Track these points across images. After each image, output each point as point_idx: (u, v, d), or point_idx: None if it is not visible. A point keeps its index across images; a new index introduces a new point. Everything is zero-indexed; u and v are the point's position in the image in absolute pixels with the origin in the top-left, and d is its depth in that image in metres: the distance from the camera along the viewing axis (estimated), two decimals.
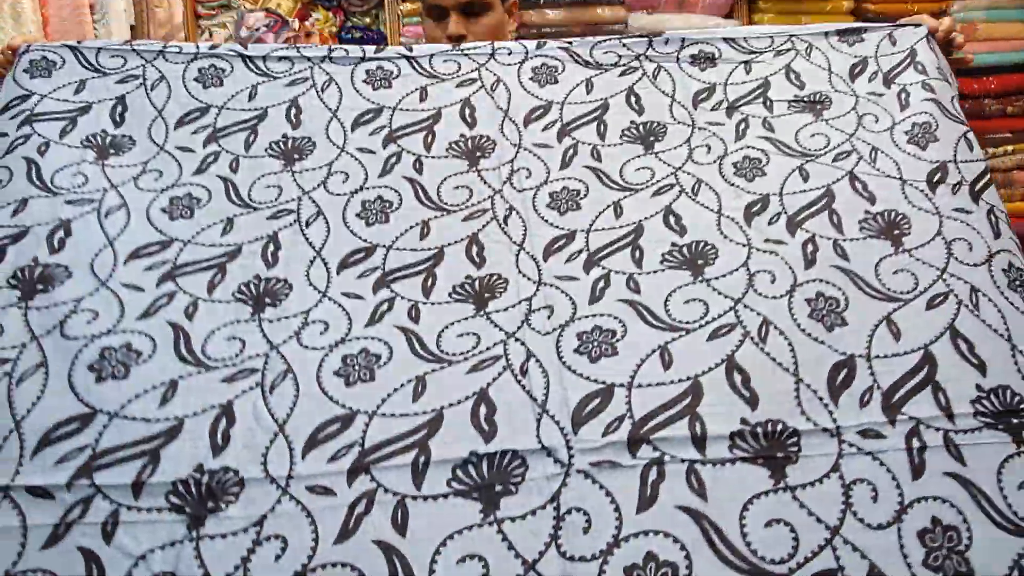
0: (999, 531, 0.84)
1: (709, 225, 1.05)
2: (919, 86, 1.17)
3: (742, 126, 1.17)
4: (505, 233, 1.06)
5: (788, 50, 1.25)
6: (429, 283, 1.01)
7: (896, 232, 1.03)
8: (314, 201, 1.10)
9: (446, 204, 1.10)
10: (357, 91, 1.22)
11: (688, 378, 0.91)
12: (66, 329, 0.94)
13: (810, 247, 1.02)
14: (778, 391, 0.91)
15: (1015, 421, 0.89)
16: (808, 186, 1.09)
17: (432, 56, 1.26)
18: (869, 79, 1.21)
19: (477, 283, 1.01)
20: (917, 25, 1.25)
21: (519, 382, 0.91)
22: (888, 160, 1.11)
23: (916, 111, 1.15)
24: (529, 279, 1.01)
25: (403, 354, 0.94)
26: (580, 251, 1.04)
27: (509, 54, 1.26)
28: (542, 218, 1.08)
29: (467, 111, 1.20)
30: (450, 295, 1.00)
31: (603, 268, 1.01)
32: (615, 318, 0.96)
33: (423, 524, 0.82)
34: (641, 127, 1.18)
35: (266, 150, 1.16)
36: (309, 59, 1.25)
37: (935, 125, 1.12)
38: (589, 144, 1.16)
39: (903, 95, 1.17)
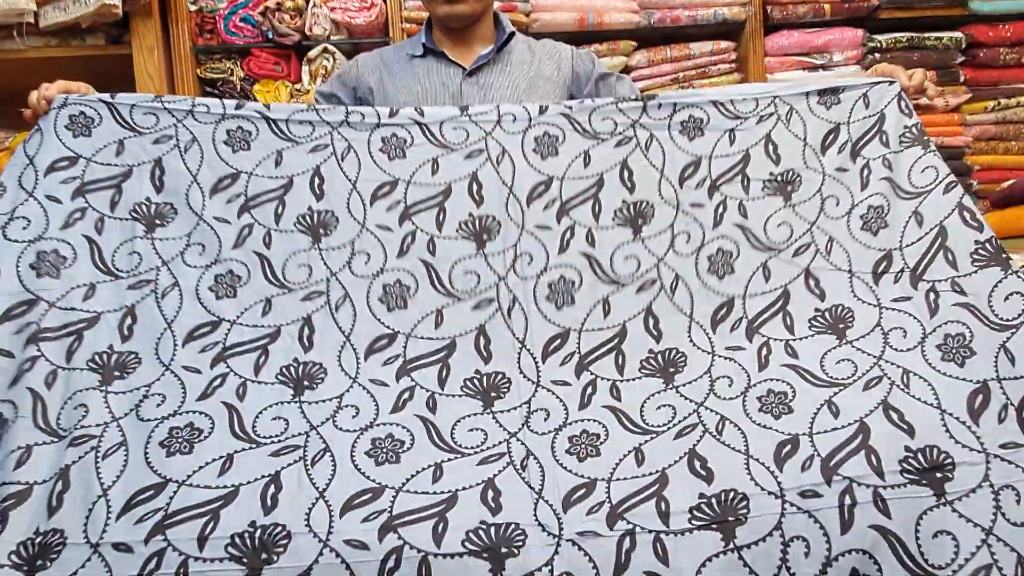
0: None
1: (681, 331, 1.21)
2: (880, 162, 1.29)
3: (720, 209, 1.30)
4: (509, 327, 1.24)
5: (770, 115, 1.35)
6: (444, 374, 1.19)
7: (841, 326, 1.19)
8: (341, 284, 1.27)
9: (456, 291, 1.26)
10: (374, 161, 1.35)
11: (657, 471, 1.09)
12: (141, 413, 1.14)
13: (764, 351, 1.18)
14: (731, 466, 1.08)
15: (938, 476, 1.05)
16: (768, 287, 1.24)
17: (442, 123, 1.37)
18: (839, 150, 1.32)
19: (485, 380, 1.19)
20: (891, 82, 1.33)
21: (520, 475, 1.10)
22: (841, 251, 1.25)
23: (873, 192, 1.27)
24: (529, 379, 1.19)
25: (423, 441, 1.13)
26: (572, 354, 1.21)
27: (514, 121, 1.37)
28: (541, 312, 1.25)
29: (475, 187, 1.33)
30: (462, 388, 1.18)
31: (591, 374, 1.19)
32: (599, 423, 1.15)
33: None
34: (632, 207, 1.31)
35: (295, 224, 1.31)
36: (329, 123, 1.37)
37: (887, 209, 1.26)
38: (585, 227, 1.30)
39: (865, 171, 1.29)
